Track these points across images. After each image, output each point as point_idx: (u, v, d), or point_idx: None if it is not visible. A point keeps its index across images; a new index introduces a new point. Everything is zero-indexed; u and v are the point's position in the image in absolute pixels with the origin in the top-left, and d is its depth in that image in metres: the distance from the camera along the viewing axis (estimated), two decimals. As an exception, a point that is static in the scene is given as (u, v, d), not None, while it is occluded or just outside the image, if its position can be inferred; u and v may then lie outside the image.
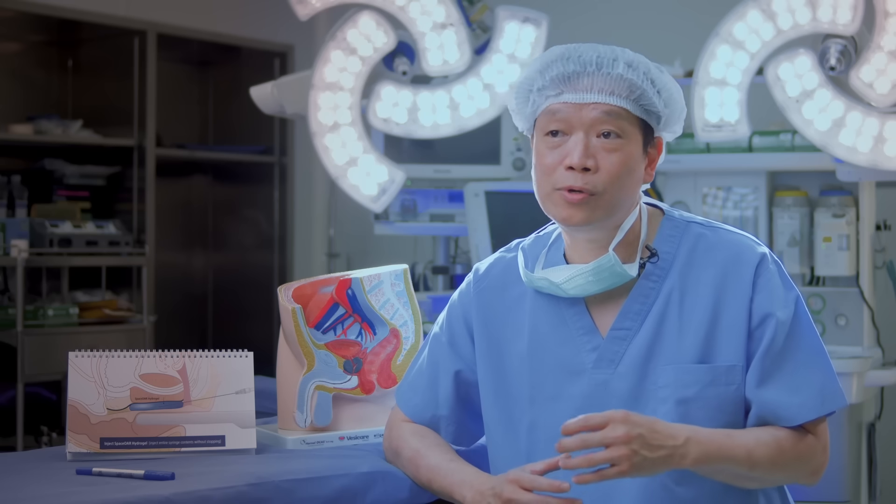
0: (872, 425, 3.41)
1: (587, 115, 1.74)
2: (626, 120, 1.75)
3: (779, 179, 3.59)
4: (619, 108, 1.74)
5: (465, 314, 1.92)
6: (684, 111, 1.83)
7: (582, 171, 1.73)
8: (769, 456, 1.69)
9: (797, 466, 1.73)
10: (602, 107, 1.74)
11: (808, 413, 1.72)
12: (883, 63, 3.13)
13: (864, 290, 3.36)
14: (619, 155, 1.74)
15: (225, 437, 1.94)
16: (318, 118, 3.54)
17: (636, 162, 1.77)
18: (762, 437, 1.70)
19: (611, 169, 1.74)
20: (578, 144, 1.74)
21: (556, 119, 1.76)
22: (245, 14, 5.30)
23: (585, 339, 1.80)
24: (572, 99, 1.75)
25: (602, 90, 1.74)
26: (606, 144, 1.74)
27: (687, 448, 1.63)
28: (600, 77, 1.74)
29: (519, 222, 2.20)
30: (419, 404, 1.93)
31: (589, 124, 1.74)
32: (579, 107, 1.74)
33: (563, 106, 1.75)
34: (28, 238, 4.16)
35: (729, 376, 1.74)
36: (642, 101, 1.75)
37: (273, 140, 5.19)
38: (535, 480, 1.65)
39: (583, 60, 1.75)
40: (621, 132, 1.75)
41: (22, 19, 4.55)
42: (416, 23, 3.50)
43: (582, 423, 1.60)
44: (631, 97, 1.75)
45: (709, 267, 1.78)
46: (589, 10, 4.83)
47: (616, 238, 1.78)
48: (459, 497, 1.77)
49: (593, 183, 1.73)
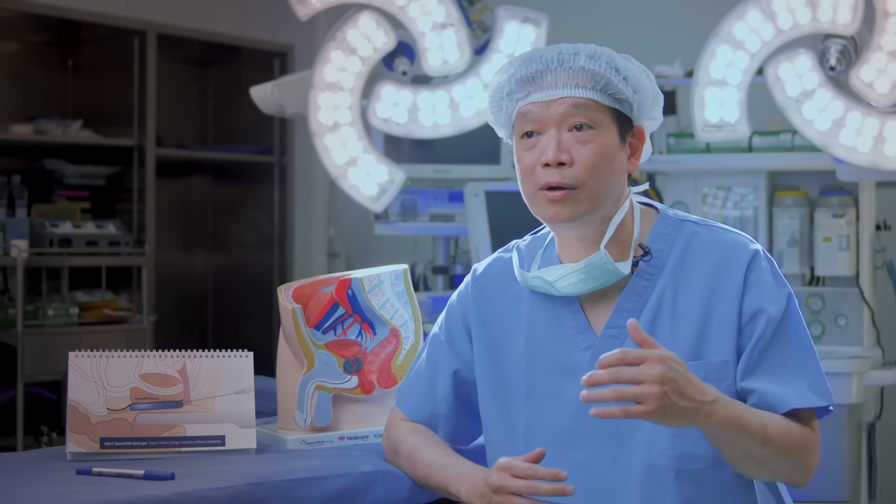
0: (872, 425, 3.41)
1: (555, 111, 1.76)
2: (595, 110, 1.77)
3: (779, 179, 3.59)
4: (585, 100, 1.76)
5: (463, 314, 1.92)
6: (659, 97, 1.84)
7: (558, 166, 1.75)
8: (780, 436, 1.69)
9: (798, 456, 1.72)
10: (568, 100, 1.76)
11: (800, 400, 1.72)
12: (883, 63, 3.13)
13: (864, 290, 3.36)
14: (593, 146, 1.76)
15: (225, 437, 1.94)
16: (318, 118, 3.54)
17: (613, 151, 1.78)
18: (775, 418, 1.71)
19: (586, 160, 1.75)
20: (551, 141, 1.76)
21: (528, 120, 1.79)
22: (245, 14, 5.30)
23: (580, 338, 1.81)
24: (539, 98, 1.77)
25: (566, 84, 1.76)
26: (579, 137, 1.76)
27: (715, 407, 1.62)
28: (563, 72, 1.77)
29: (519, 222, 2.20)
30: (418, 403, 1.94)
31: (559, 120, 1.76)
32: (547, 104, 1.77)
33: (533, 106, 1.78)
34: (28, 238, 4.16)
35: (721, 372, 1.75)
36: (609, 89, 1.77)
37: (273, 140, 5.19)
38: (532, 468, 1.65)
39: (544, 59, 1.78)
40: (592, 123, 1.76)
41: (22, 19, 4.55)
42: (416, 23, 3.50)
43: (620, 357, 1.57)
44: (596, 87, 1.77)
45: (702, 265, 1.79)
46: (589, 10, 4.83)
47: (607, 234, 1.79)
48: (455, 491, 1.77)
49: (571, 176, 1.75)
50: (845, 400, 3.17)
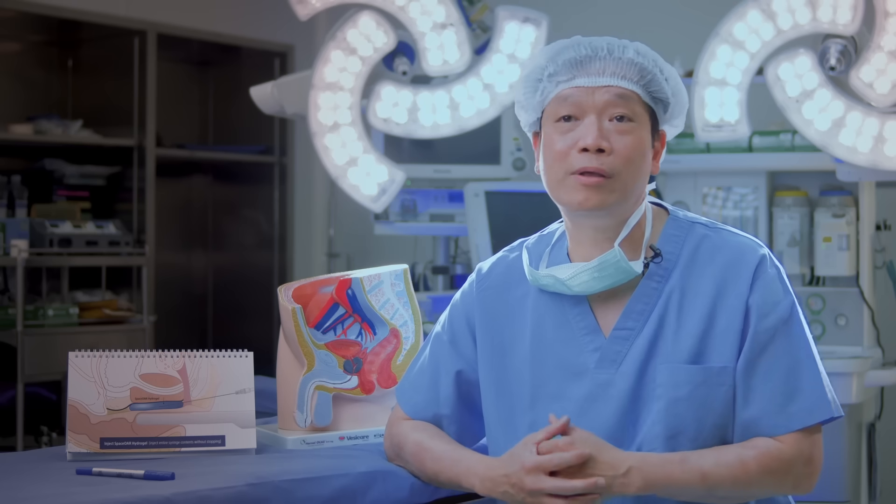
0: (872, 425, 3.41)
1: (600, 98, 1.76)
2: (637, 104, 1.77)
3: (779, 179, 3.59)
4: (630, 92, 1.76)
5: (467, 314, 1.92)
6: (687, 105, 1.85)
7: (597, 152, 1.74)
8: (731, 476, 1.67)
9: (770, 482, 1.70)
10: (614, 90, 1.76)
11: (787, 424, 1.71)
12: (883, 63, 3.13)
13: (864, 290, 3.36)
14: (632, 138, 1.76)
15: (225, 437, 1.94)
16: (318, 118, 3.54)
17: (647, 148, 1.79)
18: (723, 458, 1.69)
19: (624, 151, 1.75)
20: (592, 126, 1.75)
21: (569, 104, 1.77)
22: (245, 14, 5.30)
23: (588, 340, 1.80)
24: (585, 83, 1.76)
25: (614, 73, 1.76)
26: (619, 127, 1.76)
27: (629, 478, 1.64)
28: (612, 61, 1.76)
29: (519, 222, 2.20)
30: (420, 403, 1.93)
31: (602, 107, 1.76)
32: (591, 90, 1.76)
33: (575, 90, 1.77)
34: (28, 238, 4.16)
35: (720, 377, 1.74)
36: (652, 86, 1.78)
37: (273, 140, 5.19)
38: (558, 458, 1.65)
39: (594, 46, 1.78)
40: (633, 116, 1.76)
41: (22, 19, 4.55)
42: (416, 23, 3.50)
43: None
44: (641, 82, 1.77)
45: (710, 269, 1.78)
46: (589, 9, 4.84)
47: (623, 232, 1.78)
48: (468, 485, 1.76)
49: (609, 164, 1.74)
50: (845, 400, 3.17)
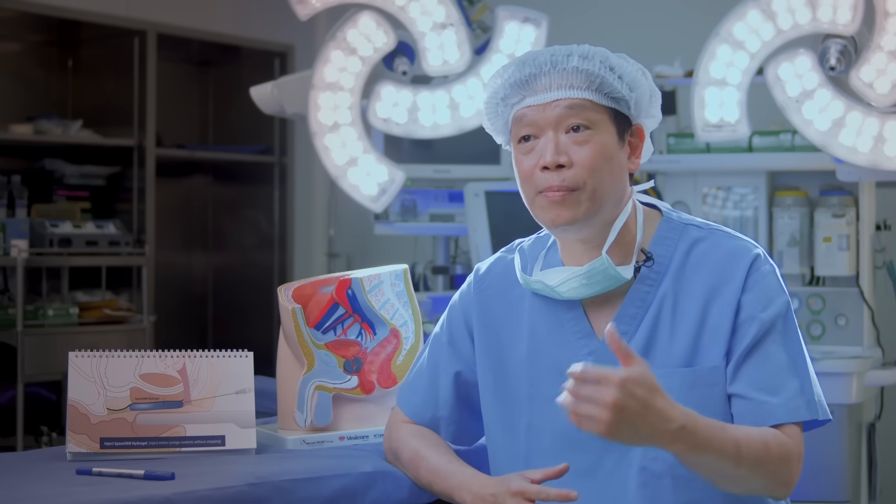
0: (872, 425, 3.41)
1: (551, 113, 1.75)
2: (591, 111, 1.75)
3: (779, 179, 3.59)
4: (581, 100, 1.75)
5: (465, 314, 1.92)
6: (656, 94, 1.83)
7: (557, 168, 1.74)
8: (756, 454, 1.66)
9: (776, 471, 1.69)
10: (563, 102, 1.75)
11: (787, 414, 1.70)
12: (883, 63, 3.13)
13: (864, 290, 3.36)
14: (591, 146, 1.75)
15: (225, 437, 1.94)
16: (318, 118, 3.54)
17: (612, 151, 1.77)
18: (751, 434, 1.68)
19: (584, 161, 1.74)
20: (549, 143, 1.75)
21: (525, 124, 1.77)
22: (245, 14, 5.30)
23: (582, 343, 1.80)
24: (534, 101, 1.76)
25: (561, 86, 1.75)
26: (577, 138, 1.75)
27: (679, 435, 1.58)
28: (557, 74, 1.76)
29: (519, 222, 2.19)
30: (419, 404, 1.93)
31: (555, 122, 1.75)
32: (542, 107, 1.76)
33: (528, 110, 1.77)
34: (28, 238, 4.16)
35: (711, 377, 1.73)
36: (604, 88, 1.76)
37: (273, 140, 5.19)
38: (543, 491, 1.64)
39: (538, 62, 1.77)
40: (589, 123, 1.75)
41: (22, 19, 4.55)
42: (416, 23, 3.50)
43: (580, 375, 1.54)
44: (591, 87, 1.75)
45: (703, 271, 1.78)
46: (589, 9, 4.83)
47: (609, 239, 1.77)
48: (459, 500, 1.77)
49: (571, 177, 1.74)
50: (845, 400, 3.17)
